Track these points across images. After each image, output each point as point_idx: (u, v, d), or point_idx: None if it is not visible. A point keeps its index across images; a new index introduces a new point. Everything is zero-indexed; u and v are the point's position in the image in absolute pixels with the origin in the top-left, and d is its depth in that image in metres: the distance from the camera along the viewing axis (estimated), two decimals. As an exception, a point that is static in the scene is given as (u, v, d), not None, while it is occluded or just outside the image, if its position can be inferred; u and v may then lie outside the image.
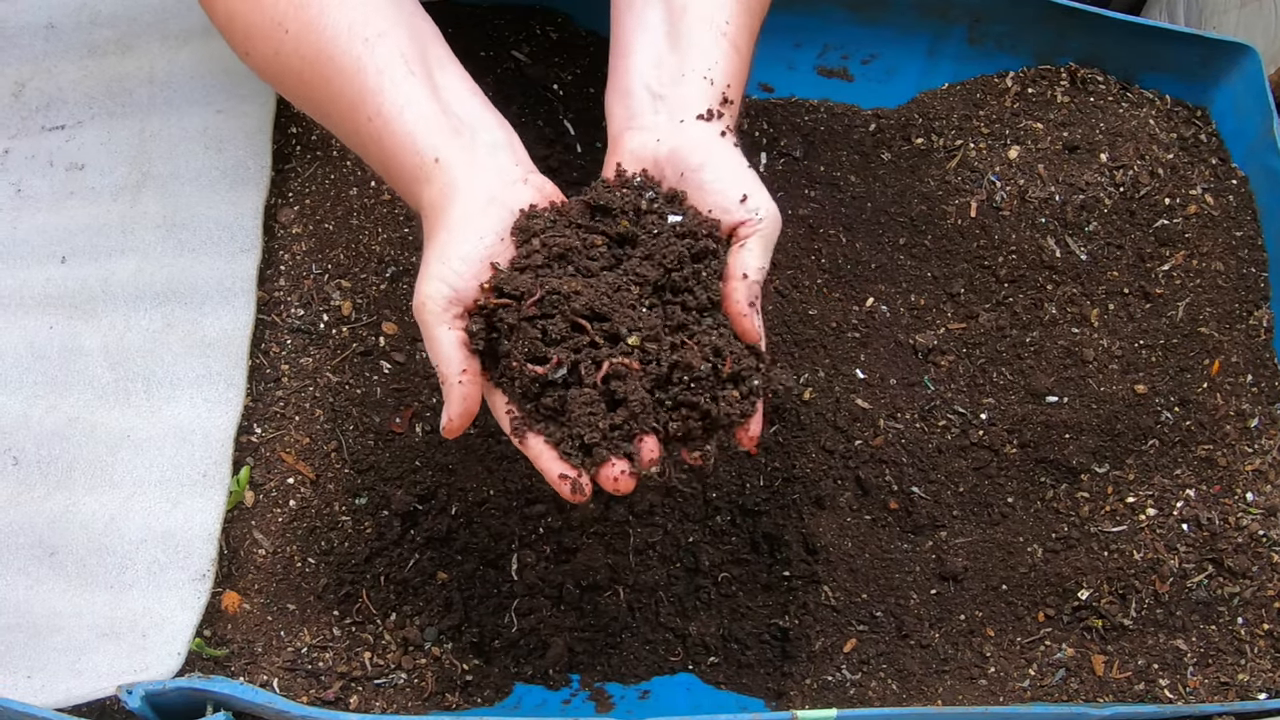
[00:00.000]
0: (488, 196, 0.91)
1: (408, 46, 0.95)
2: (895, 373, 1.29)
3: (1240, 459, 1.30)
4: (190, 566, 1.07)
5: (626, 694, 1.21)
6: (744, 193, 0.93)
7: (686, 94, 0.97)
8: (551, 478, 0.88)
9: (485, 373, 0.91)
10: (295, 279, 1.19)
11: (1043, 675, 1.21)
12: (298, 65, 0.96)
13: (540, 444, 0.89)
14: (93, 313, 1.17)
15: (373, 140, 0.94)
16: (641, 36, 1.00)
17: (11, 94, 1.27)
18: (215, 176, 1.21)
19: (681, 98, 0.97)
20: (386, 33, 0.94)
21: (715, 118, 0.96)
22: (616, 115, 1.00)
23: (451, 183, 0.91)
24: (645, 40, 1.00)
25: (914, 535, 1.27)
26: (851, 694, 1.20)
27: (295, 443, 1.15)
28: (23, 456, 1.12)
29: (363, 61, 0.93)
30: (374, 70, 0.93)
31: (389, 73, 0.93)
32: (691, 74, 0.97)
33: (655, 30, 1.00)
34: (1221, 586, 1.24)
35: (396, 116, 0.92)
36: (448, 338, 0.89)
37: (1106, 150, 1.37)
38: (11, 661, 1.05)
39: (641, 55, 1.00)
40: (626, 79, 1.00)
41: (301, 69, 0.96)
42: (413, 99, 0.93)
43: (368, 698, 1.10)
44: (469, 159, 0.92)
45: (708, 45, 0.99)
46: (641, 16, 1.01)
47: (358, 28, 0.94)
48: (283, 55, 0.96)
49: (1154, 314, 1.32)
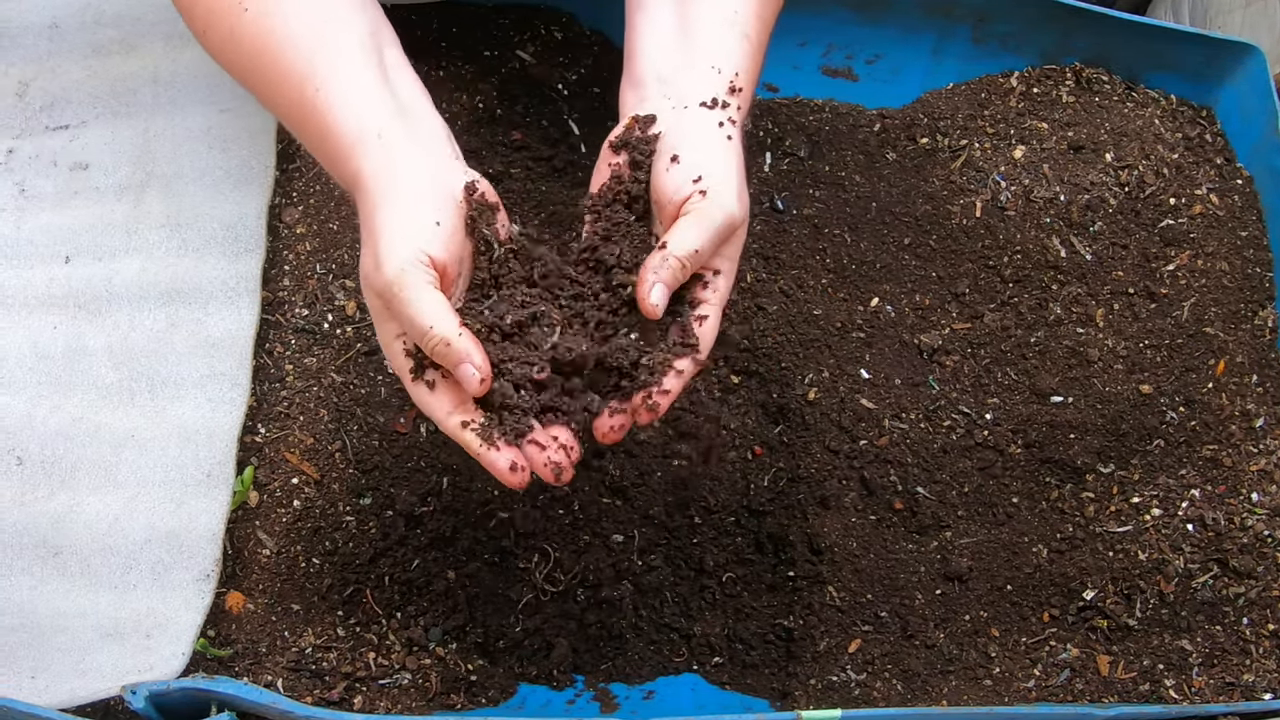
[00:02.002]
0: (431, 175, 0.91)
1: (366, 37, 0.96)
2: (900, 373, 1.28)
3: (1245, 459, 1.30)
4: (194, 567, 1.07)
5: (631, 694, 1.21)
6: (700, 174, 0.92)
7: (693, 80, 0.97)
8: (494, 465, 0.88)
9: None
10: (299, 279, 1.19)
11: (1047, 675, 1.21)
12: (252, 44, 0.96)
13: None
14: (97, 313, 1.17)
15: (315, 111, 0.93)
16: (652, 27, 1.01)
17: (15, 94, 1.27)
18: (219, 176, 1.21)
19: (688, 83, 0.97)
20: (348, 20, 0.96)
21: (719, 106, 0.96)
22: (627, 102, 1.01)
23: (393, 159, 0.90)
24: (656, 30, 1.01)
25: (919, 535, 1.27)
26: (856, 694, 1.20)
27: (299, 443, 1.15)
28: (27, 456, 1.12)
29: (322, 38, 0.94)
30: (332, 47, 0.94)
31: (345, 52, 0.94)
32: (700, 62, 0.97)
33: (666, 21, 1.01)
34: (1226, 587, 1.24)
35: (345, 89, 0.93)
36: (434, 298, 0.86)
37: (1111, 150, 1.37)
38: (16, 662, 1.05)
39: (652, 45, 1.00)
40: (638, 68, 1.00)
41: (256, 46, 0.96)
42: (363, 78, 0.94)
43: (372, 698, 1.10)
44: (411, 138, 0.92)
45: (717, 34, 0.99)
46: (653, 10, 1.02)
47: (321, 10, 0.96)
48: (237, 32, 0.97)
49: (1159, 314, 1.32)
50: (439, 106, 1.26)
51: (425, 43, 1.31)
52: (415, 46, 1.22)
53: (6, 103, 1.27)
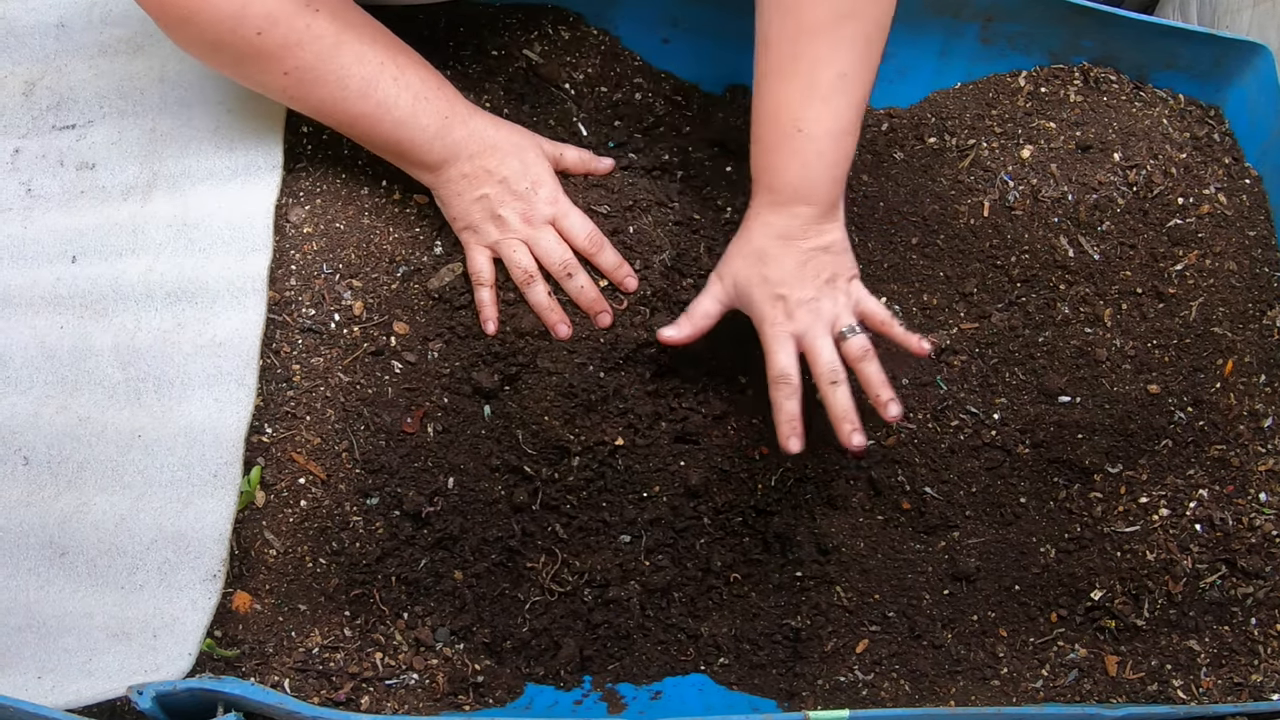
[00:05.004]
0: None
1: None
2: (908, 373, 1.28)
3: (1253, 459, 1.29)
4: (201, 567, 1.07)
5: (638, 695, 1.21)
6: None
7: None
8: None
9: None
10: (306, 278, 1.19)
11: (1055, 676, 1.21)
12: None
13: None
14: (103, 312, 1.16)
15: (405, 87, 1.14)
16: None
17: (22, 93, 1.27)
18: (226, 176, 1.20)
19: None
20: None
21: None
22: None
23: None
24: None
25: (926, 535, 1.27)
26: (864, 695, 1.20)
27: (306, 443, 1.14)
28: (33, 456, 1.12)
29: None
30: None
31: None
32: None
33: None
34: (1235, 587, 1.24)
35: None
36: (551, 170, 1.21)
37: (1119, 150, 1.37)
38: (22, 662, 1.05)
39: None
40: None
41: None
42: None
43: (379, 698, 1.10)
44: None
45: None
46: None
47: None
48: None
49: (1167, 314, 1.32)
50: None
51: (433, 42, 1.31)
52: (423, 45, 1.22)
53: (13, 102, 1.27)
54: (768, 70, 1.10)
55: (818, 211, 1.12)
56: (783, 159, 1.11)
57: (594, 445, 1.20)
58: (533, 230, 1.17)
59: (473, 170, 1.16)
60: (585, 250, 1.18)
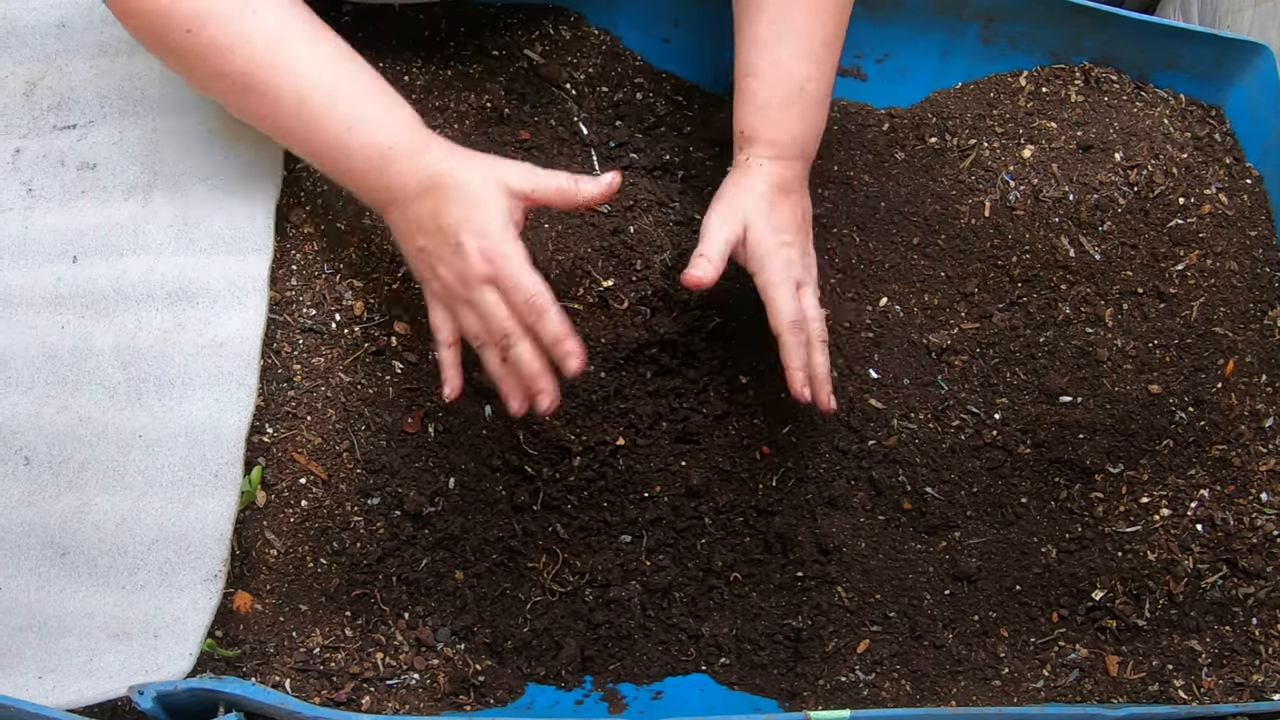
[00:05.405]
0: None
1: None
2: (909, 373, 1.28)
3: (1255, 459, 1.29)
4: (202, 567, 1.07)
5: (639, 695, 1.21)
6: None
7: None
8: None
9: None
10: (307, 278, 1.19)
11: (1056, 676, 1.21)
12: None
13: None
14: (104, 312, 1.16)
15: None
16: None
17: (23, 93, 1.27)
18: (227, 176, 1.20)
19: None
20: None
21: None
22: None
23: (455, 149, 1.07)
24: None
25: (927, 535, 1.27)
26: (865, 695, 1.20)
27: (307, 443, 1.14)
28: (34, 456, 1.12)
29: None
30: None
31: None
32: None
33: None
34: (1236, 587, 1.24)
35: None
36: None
37: (1120, 150, 1.37)
38: (23, 662, 1.05)
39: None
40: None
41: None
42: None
43: (380, 698, 1.10)
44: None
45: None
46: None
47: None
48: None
49: (1168, 314, 1.32)
50: (447, 106, 1.27)
51: (433, 42, 1.31)
52: (423, 45, 1.22)
53: (14, 102, 1.27)
54: (767, 33, 1.17)
55: (806, 168, 1.21)
56: (792, 115, 1.18)
57: (595, 445, 1.20)
58: (469, 293, 1.05)
59: (414, 215, 1.06)
60: (522, 318, 1.05)
